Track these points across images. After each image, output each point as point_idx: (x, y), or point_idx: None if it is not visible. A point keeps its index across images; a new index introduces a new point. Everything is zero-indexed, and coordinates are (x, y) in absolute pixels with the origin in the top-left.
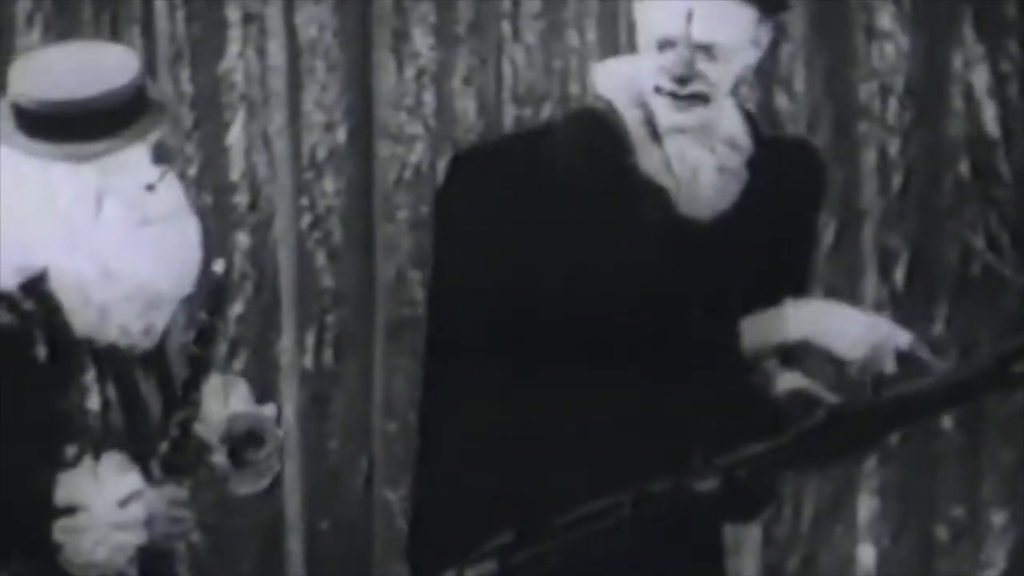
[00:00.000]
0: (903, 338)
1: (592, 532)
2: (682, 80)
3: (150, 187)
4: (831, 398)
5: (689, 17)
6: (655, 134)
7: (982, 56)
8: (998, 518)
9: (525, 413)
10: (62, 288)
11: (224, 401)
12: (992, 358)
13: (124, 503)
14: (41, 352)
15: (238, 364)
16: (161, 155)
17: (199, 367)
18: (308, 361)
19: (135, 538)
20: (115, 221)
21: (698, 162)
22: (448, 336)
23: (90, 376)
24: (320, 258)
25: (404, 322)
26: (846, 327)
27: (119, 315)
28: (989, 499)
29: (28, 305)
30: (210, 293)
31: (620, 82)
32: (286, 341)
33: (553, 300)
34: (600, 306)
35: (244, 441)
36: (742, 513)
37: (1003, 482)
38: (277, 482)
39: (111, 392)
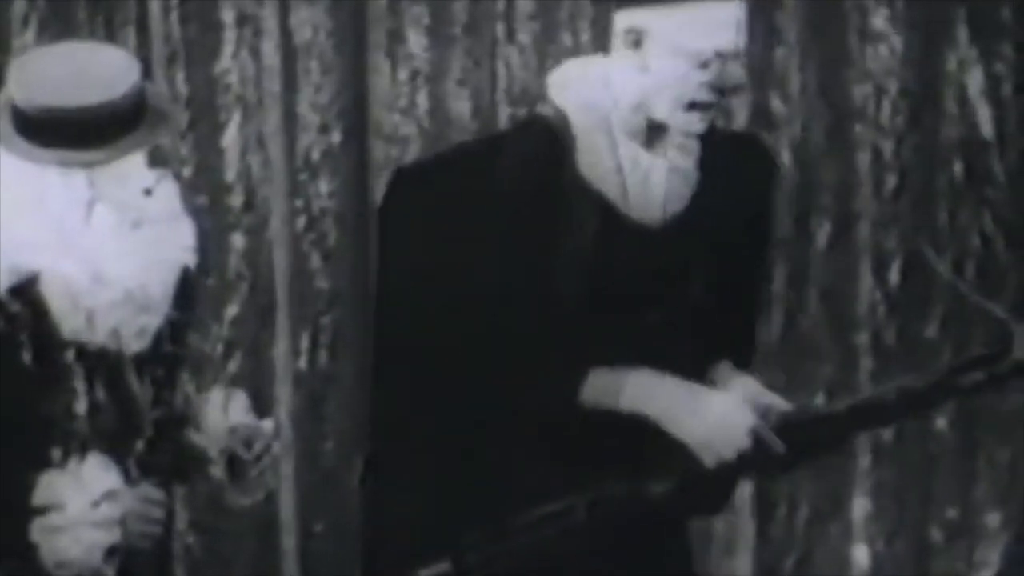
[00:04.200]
0: (748, 418)
1: (546, 535)
2: (725, 91)
3: (147, 191)
4: (783, 405)
5: (739, 27)
6: (611, 140)
7: (976, 58)
8: (992, 519)
9: (474, 421)
10: (52, 292)
11: (224, 413)
12: (944, 370)
13: (98, 502)
14: (27, 356)
15: (233, 366)
16: (158, 159)
17: (172, 365)
18: (303, 362)
19: (108, 537)
20: (106, 226)
21: (650, 166)
22: (394, 346)
23: (78, 379)
24: (315, 259)
25: None
26: (682, 412)
27: (109, 319)
28: (983, 500)
29: (15, 308)
30: (181, 291)
31: (576, 87)
32: (281, 342)
33: (496, 311)
34: (548, 313)
35: (242, 455)
36: (704, 508)
37: (997, 483)
38: (272, 492)
39: (101, 394)
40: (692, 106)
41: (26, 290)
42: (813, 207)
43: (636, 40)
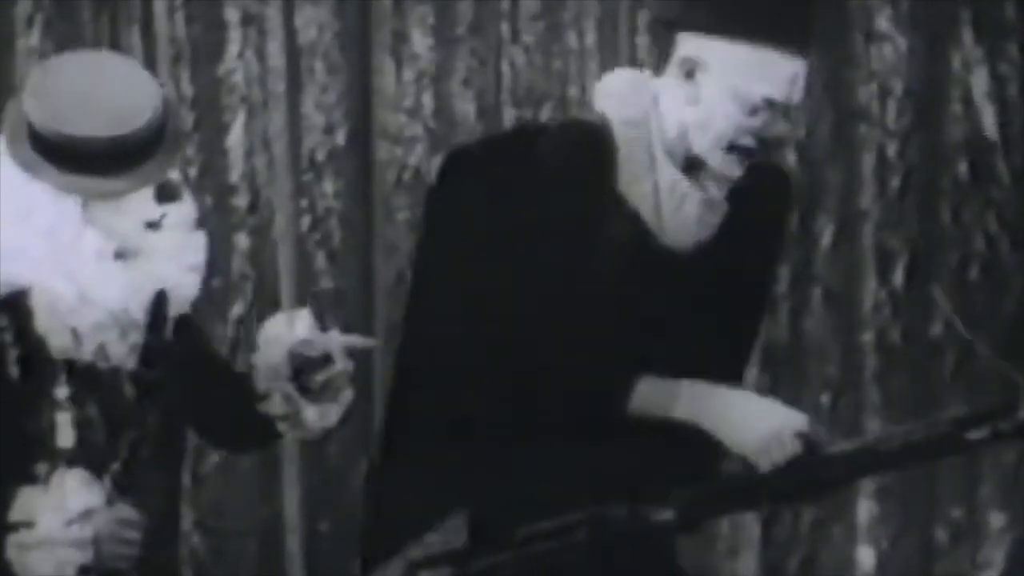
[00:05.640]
0: (799, 421)
1: (547, 548)
2: (768, 141)
3: (151, 224)
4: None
5: (794, 81)
6: (652, 160)
7: (981, 58)
8: (997, 520)
9: (488, 427)
10: (39, 307)
11: (290, 330)
12: (949, 423)
13: (73, 521)
14: (13, 370)
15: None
16: (165, 194)
17: (146, 387)
18: None
19: (81, 556)
20: (92, 250)
21: (686, 192)
22: (424, 344)
23: (64, 395)
24: (320, 260)
25: None
26: (737, 420)
27: (94, 338)
28: (988, 501)
29: (3, 321)
30: (152, 313)
31: (625, 100)
32: None
33: (523, 317)
34: (571, 329)
35: (309, 367)
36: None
37: (1002, 484)
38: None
39: (91, 410)
40: (732, 148)
41: (14, 303)
42: (818, 207)
43: (690, 71)
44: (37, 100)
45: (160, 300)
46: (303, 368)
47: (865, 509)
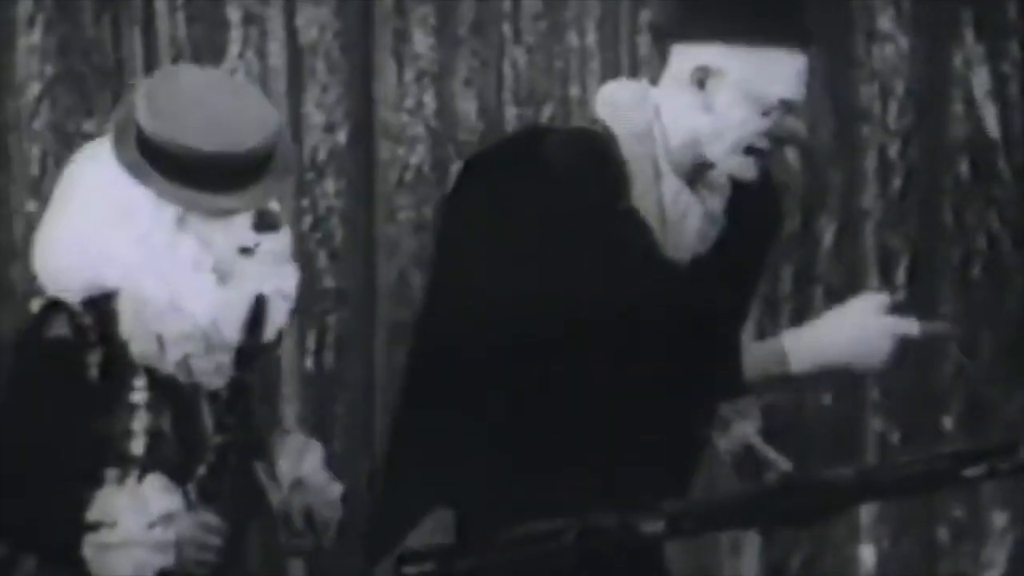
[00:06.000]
0: (902, 325)
1: (533, 553)
2: (781, 140)
3: (244, 250)
4: (782, 463)
5: (801, 77)
6: (657, 171)
7: (982, 58)
8: (998, 519)
9: (489, 431)
10: (127, 311)
11: (297, 463)
12: (948, 459)
13: (155, 524)
14: (93, 371)
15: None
16: (264, 223)
17: (237, 390)
18: (309, 362)
19: (162, 559)
20: (188, 259)
21: (689, 204)
22: (437, 349)
23: (141, 402)
24: (321, 259)
25: (405, 323)
26: (854, 346)
27: (179, 349)
28: (989, 500)
29: (87, 320)
30: (251, 316)
31: (628, 112)
32: (287, 342)
33: (530, 321)
34: (575, 333)
35: (300, 514)
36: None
37: (1003, 482)
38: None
39: (165, 421)
40: (748, 151)
41: (101, 304)
42: (820, 206)
43: (702, 79)
44: (153, 106)
45: (260, 304)
46: (290, 514)
47: (867, 508)
